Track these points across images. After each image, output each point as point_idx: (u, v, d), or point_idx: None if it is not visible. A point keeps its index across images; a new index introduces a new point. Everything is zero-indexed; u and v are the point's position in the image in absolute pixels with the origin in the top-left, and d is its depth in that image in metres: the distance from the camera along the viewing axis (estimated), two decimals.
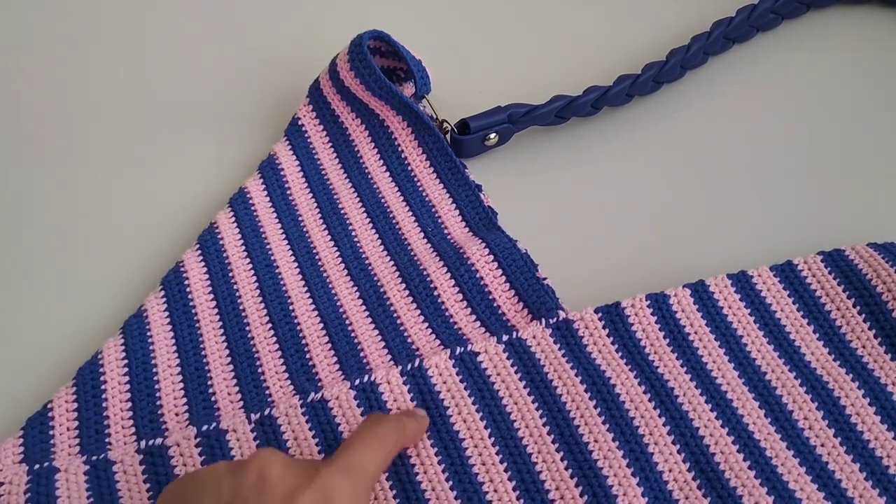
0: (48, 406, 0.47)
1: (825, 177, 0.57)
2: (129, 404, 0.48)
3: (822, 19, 0.65)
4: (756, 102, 0.61)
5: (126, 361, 0.49)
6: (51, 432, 0.46)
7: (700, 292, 0.49)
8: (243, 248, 0.54)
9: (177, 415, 0.47)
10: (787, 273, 0.50)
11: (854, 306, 0.48)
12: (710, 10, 0.63)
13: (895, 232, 0.53)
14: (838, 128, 0.59)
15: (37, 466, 0.45)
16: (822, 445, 0.44)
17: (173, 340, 0.50)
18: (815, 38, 0.64)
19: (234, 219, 0.55)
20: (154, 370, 0.49)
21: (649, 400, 0.46)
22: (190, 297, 0.52)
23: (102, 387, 0.48)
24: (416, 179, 0.57)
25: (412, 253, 0.53)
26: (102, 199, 0.60)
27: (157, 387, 0.48)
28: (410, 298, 0.51)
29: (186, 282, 0.52)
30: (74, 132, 0.63)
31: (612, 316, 0.49)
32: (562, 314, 0.49)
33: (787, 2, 0.62)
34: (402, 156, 0.58)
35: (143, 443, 0.46)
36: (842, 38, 0.64)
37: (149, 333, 0.50)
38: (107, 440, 0.46)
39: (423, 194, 0.56)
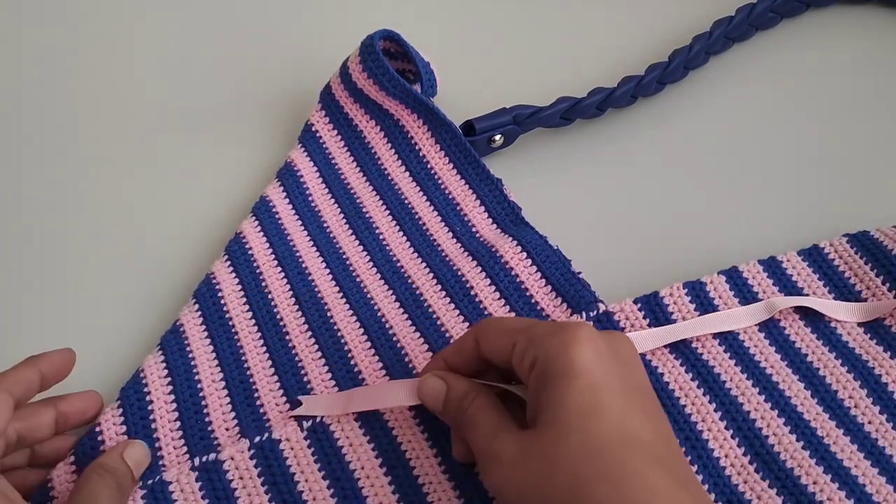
0: (96, 430, 0.45)
1: (824, 174, 0.58)
2: (178, 423, 0.46)
3: (821, 18, 0.67)
4: (757, 101, 0.62)
5: (169, 379, 0.47)
6: (101, 450, 0.44)
7: (735, 278, 0.50)
8: (273, 256, 0.53)
9: (227, 429, 0.46)
10: (815, 256, 0.51)
11: (884, 283, 0.49)
12: (711, 9, 0.64)
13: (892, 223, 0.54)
14: (838, 125, 0.61)
15: None
16: (870, 423, 0.45)
17: (213, 354, 0.49)
18: (815, 37, 0.66)
19: (259, 227, 0.53)
20: (199, 385, 0.47)
21: (698, 387, 0.46)
22: (225, 308, 0.50)
23: (149, 407, 0.46)
24: (436, 177, 0.56)
25: (443, 253, 0.53)
26: (114, 210, 0.59)
27: (203, 402, 0.47)
28: (448, 299, 0.50)
29: (220, 293, 0.51)
30: (83, 140, 0.63)
31: (652, 305, 0.49)
32: (601, 307, 0.49)
33: (787, 1, 0.64)
34: (421, 154, 0.57)
35: (196, 459, 0.44)
36: (841, 37, 0.65)
37: (188, 348, 0.48)
38: (160, 462, 0.44)
39: (446, 192, 0.56)
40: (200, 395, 0.47)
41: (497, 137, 0.58)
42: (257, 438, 0.45)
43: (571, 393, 0.35)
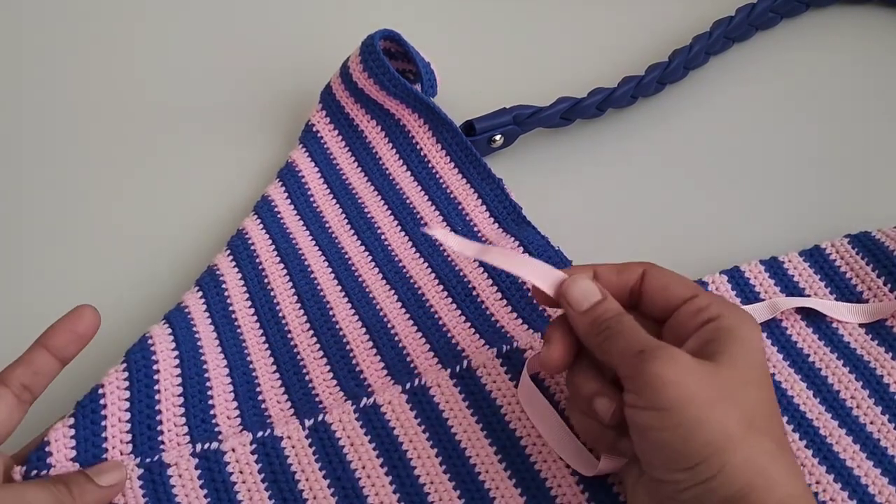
0: (100, 391, 0.43)
1: (825, 174, 0.58)
2: (182, 399, 0.45)
3: (821, 18, 0.67)
4: (757, 101, 0.63)
5: (177, 353, 0.46)
6: (103, 423, 0.43)
7: (736, 277, 0.50)
8: (275, 253, 0.52)
9: (228, 418, 0.45)
10: (816, 257, 0.51)
11: (885, 284, 0.49)
12: (711, 9, 0.64)
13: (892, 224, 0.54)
14: (838, 125, 0.61)
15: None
16: (872, 423, 0.45)
17: (217, 341, 0.48)
18: (815, 37, 0.66)
19: (261, 225, 0.53)
20: (204, 366, 0.47)
21: None
22: (228, 300, 0.50)
23: (156, 376, 0.45)
24: (438, 177, 0.56)
25: (445, 253, 0.52)
26: (114, 211, 0.59)
27: (208, 385, 0.46)
28: (450, 299, 0.50)
29: (224, 285, 0.50)
30: (83, 140, 0.63)
31: None
32: None
33: (787, 1, 0.64)
34: (422, 154, 0.57)
35: (198, 446, 0.44)
36: (841, 37, 0.66)
37: (195, 329, 0.48)
38: (159, 438, 0.43)
39: (448, 191, 0.56)
40: (206, 376, 0.46)
41: (497, 137, 0.58)
42: (259, 434, 0.45)
43: (753, 356, 0.38)
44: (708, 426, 0.35)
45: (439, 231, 0.42)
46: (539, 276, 0.41)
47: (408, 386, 0.46)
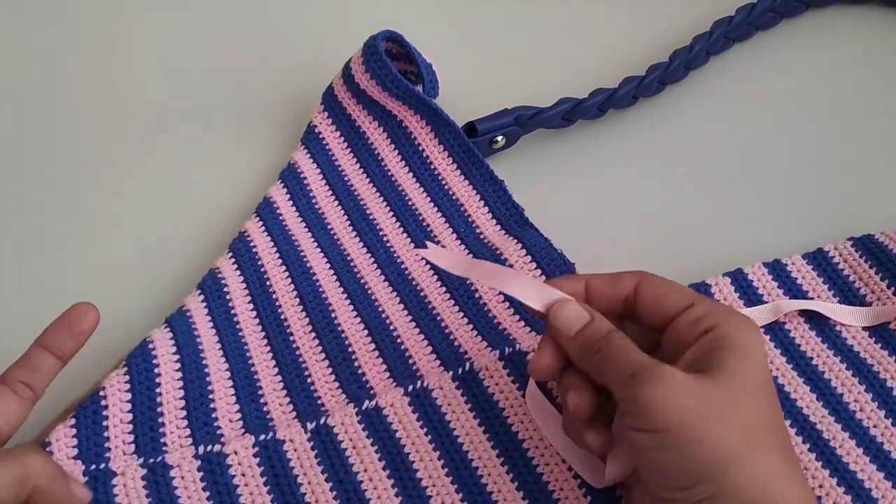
0: (101, 394, 0.44)
1: (826, 174, 0.58)
2: (183, 402, 0.45)
3: (821, 18, 0.67)
4: (757, 101, 0.62)
5: (178, 357, 0.46)
6: (105, 423, 0.43)
7: (740, 280, 0.50)
8: (277, 256, 0.52)
9: (230, 421, 0.45)
10: (820, 260, 0.51)
11: (888, 287, 0.49)
12: (711, 9, 0.64)
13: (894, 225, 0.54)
14: (839, 126, 0.61)
15: (93, 467, 0.42)
16: (875, 427, 0.45)
17: (219, 345, 0.48)
18: (815, 37, 0.66)
19: (263, 227, 0.53)
20: (206, 369, 0.47)
21: None
22: (230, 303, 0.50)
23: (157, 379, 0.45)
24: (440, 178, 0.56)
25: None
26: (114, 211, 0.59)
27: (209, 388, 0.46)
28: (452, 301, 0.50)
29: (226, 288, 0.50)
30: (83, 140, 0.63)
31: None
32: None
33: (786, 1, 0.64)
34: (424, 155, 0.57)
35: (200, 448, 0.44)
36: (841, 37, 0.65)
37: (196, 333, 0.48)
38: (162, 440, 0.44)
39: (450, 193, 0.55)
40: (207, 380, 0.46)
41: (499, 138, 0.58)
42: (262, 436, 0.45)
43: (753, 366, 0.37)
44: (705, 445, 0.34)
45: (429, 251, 0.43)
46: (528, 294, 0.41)
47: (410, 388, 0.46)
